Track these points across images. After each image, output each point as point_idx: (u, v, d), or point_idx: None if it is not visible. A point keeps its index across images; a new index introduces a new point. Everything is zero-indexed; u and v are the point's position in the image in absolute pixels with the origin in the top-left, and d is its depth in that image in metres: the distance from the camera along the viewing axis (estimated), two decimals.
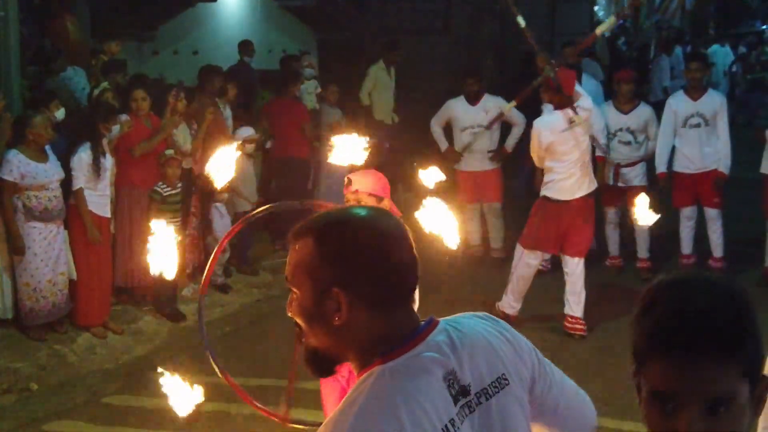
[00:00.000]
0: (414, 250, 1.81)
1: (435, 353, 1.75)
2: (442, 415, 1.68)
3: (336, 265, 1.73)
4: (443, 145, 8.97)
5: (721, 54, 19.46)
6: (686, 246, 8.37)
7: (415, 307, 1.86)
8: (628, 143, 8.22)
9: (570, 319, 6.98)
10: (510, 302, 7.19)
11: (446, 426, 1.68)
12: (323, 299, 1.74)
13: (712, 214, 8.14)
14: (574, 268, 6.94)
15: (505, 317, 6.78)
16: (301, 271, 1.78)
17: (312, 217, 1.84)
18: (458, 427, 1.71)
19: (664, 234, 8.26)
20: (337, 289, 1.72)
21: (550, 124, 6.78)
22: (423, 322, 1.81)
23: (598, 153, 8.15)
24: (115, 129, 7.15)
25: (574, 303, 6.95)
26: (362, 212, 1.84)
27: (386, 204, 3.96)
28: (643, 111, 8.31)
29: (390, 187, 4.14)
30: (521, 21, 6.94)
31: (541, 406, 1.92)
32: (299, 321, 1.82)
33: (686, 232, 8.31)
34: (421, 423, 1.64)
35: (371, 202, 3.89)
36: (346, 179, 3.98)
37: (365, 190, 3.93)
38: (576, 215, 6.91)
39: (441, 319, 1.85)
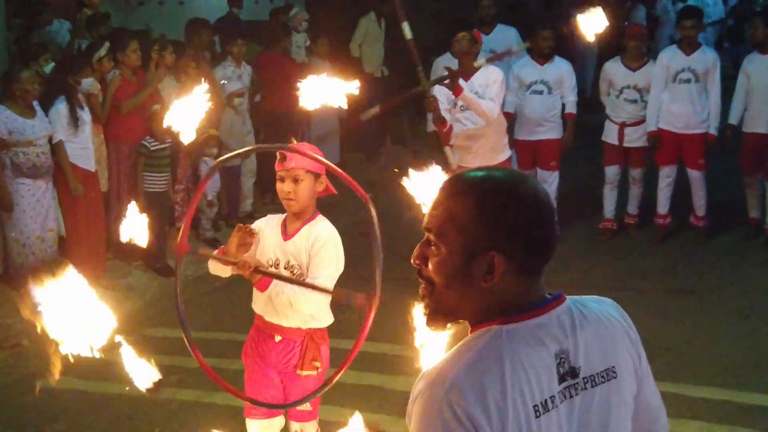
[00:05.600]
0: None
1: (555, 328, 1.76)
2: (544, 389, 1.70)
3: (496, 229, 1.72)
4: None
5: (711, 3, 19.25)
6: (662, 205, 8.16)
7: None
8: (634, 101, 7.98)
9: None
10: None
11: (546, 401, 1.70)
12: (474, 260, 1.73)
13: (695, 175, 7.94)
14: None
15: None
16: (454, 229, 1.74)
17: (471, 175, 1.80)
18: (557, 406, 1.72)
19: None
20: (495, 253, 1.71)
21: None
22: (550, 295, 1.82)
23: (569, 110, 8.06)
24: (86, 82, 7.05)
25: None
26: (520, 178, 1.82)
27: (323, 181, 3.80)
28: (652, 69, 8.00)
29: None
30: (407, 30, 5.58)
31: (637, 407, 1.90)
32: (434, 275, 1.78)
33: (663, 191, 8.11)
34: (522, 390, 1.67)
35: (309, 179, 3.74)
36: (278, 155, 3.73)
37: (304, 167, 3.71)
38: None
39: (568, 297, 1.85)
